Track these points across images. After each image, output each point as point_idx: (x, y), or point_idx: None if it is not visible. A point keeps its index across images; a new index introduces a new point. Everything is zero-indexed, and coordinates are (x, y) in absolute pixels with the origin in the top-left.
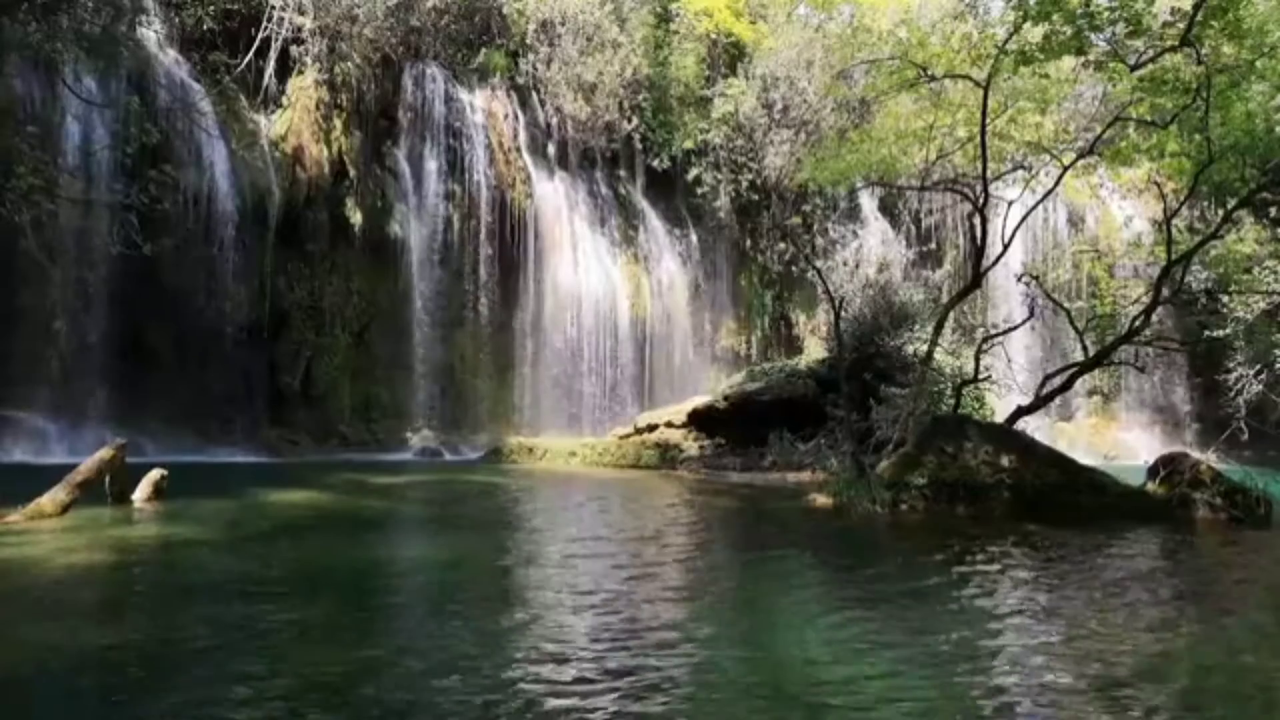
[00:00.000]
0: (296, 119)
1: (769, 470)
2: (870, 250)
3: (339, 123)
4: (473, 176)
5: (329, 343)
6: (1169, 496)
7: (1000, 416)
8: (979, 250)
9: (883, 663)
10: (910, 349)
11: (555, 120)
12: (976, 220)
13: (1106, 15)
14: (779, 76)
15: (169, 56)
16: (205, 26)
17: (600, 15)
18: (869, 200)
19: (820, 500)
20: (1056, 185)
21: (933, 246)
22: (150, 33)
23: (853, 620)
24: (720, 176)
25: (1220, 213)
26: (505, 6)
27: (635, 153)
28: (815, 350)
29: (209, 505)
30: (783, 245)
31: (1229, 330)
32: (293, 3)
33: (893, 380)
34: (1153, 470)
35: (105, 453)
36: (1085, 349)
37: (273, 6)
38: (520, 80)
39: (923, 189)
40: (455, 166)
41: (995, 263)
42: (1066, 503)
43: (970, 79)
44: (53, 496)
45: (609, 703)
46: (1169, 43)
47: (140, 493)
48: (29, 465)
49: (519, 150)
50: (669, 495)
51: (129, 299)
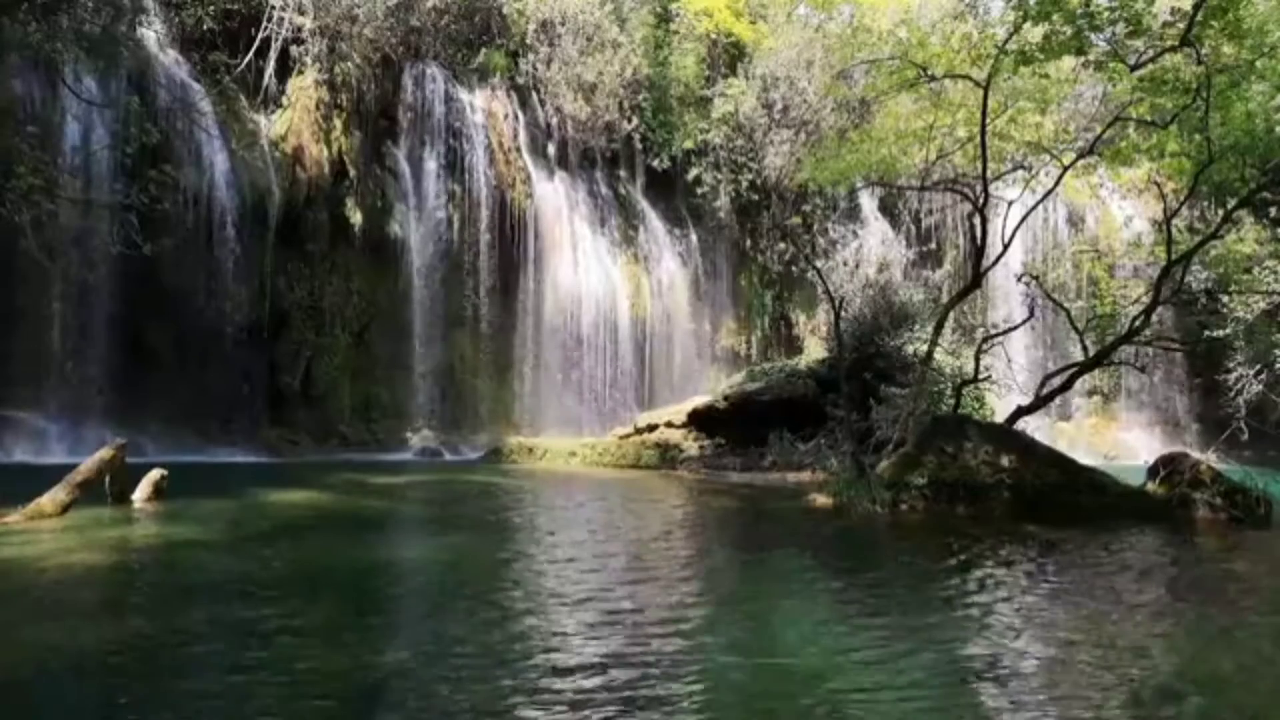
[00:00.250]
0: (296, 119)
1: (769, 470)
2: (870, 250)
3: (339, 123)
4: (473, 176)
5: (329, 343)
6: (1169, 496)
7: (1000, 416)
8: (979, 250)
9: (884, 664)
10: (910, 349)
11: (555, 120)
12: (976, 220)
13: (1106, 15)
14: (779, 76)
15: (169, 56)
16: (205, 26)
17: (600, 15)
18: (869, 200)
19: (820, 500)
20: (1056, 185)
21: (933, 246)
22: (150, 33)
23: (853, 621)
24: (720, 176)
25: (1220, 213)
26: (505, 6)
27: (635, 153)
28: (815, 350)
29: (209, 505)
30: (783, 245)
31: (1229, 330)
32: (293, 3)
33: (893, 380)
34: (1153, 470)
35: (105, 453)
36: (1085, 349)
37: (273, 6)
38: (520, 80)
39: (923, 189)
40: (455, 166)
41: (995, 263)
42: (1066, 503)
43: (970, 79)
44: (53, 496)
45: (609, 704)
46: (1169, 43)
47: (140, 493)
48: (29, 465)
49: (519, 150)
50: (669, 495)
51: (129, 299)
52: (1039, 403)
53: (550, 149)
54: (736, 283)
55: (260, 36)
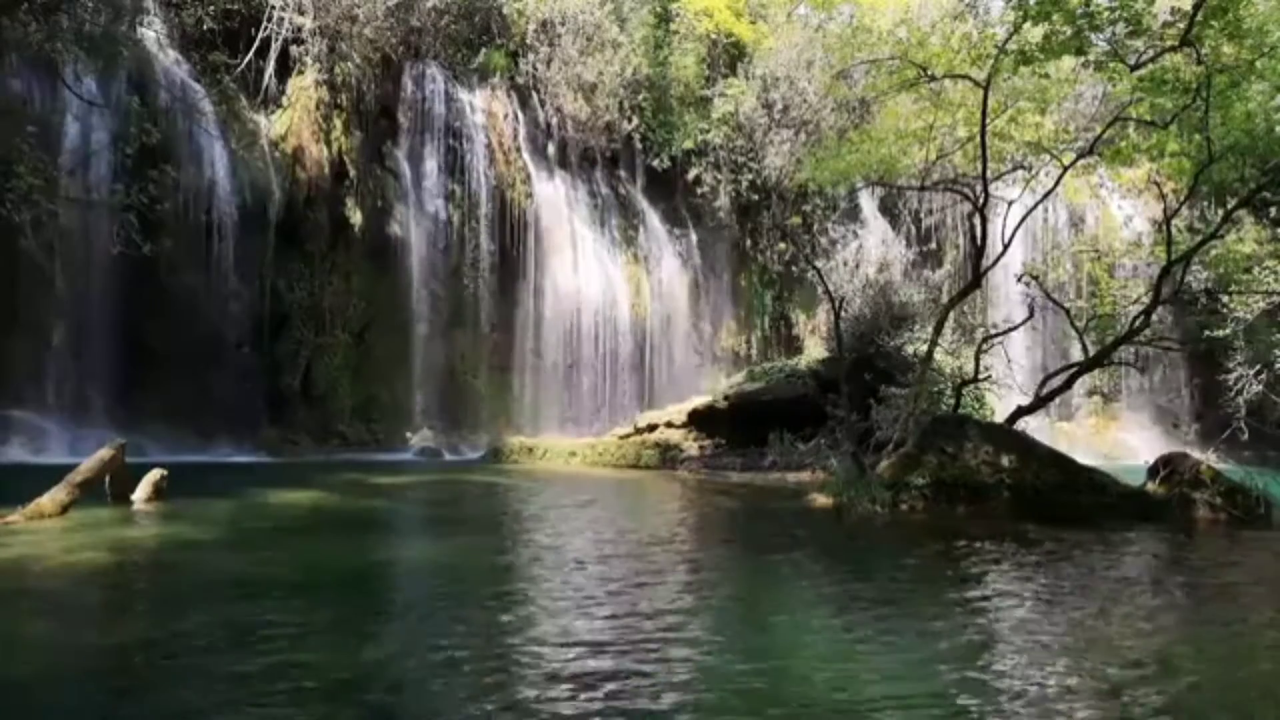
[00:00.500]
0: (296, 119)
1: (769, 470)
2: (870, 250)
3: (339, 123)
4: (473, 176)
5: (329, 343)
6: (1169, 496)
7: (1000, 416)
8: (979, 250)
9: (884, 665)
10: (910, 349)
11: (555, 120)
12: (976, 220)
13: (1106, 15)
14: (779, 76)
15: (169, 56)
16: (205, 26)
17: (600, 15)
18: (869, 200)
19: (820, 500)
20: (1056, 185)
21: (933, 246)
22: (150, 33)
23: (854, 622)
24: (720, 176)
25: (1220, 213)
26: (505, 6)
27: (635, 153)
28: (815, 350)
29: (209, 505)
30: (783, 245)
31: (1229, 330)
32: (293, 3)
33: (893, 380)
34: (1153, 470)
35: (105, 453)
36: (1085, 349)
37: (273, 6)
38: (520, 80)
39: (923, 189)
40: (455, 166)
41: (995, 263)
42: (1066, 503)
43: (970, 79)
44: (53, 496)
45: (610, 706)
46: (1169, 43)
47: (140, 493)
48: (29, 465)
49: (519, 150)
50: (669, 495)
51: (129, 299)
52: (1039, 403)
53: (550, 149)
54: (736, 283)
55: (260, 36)
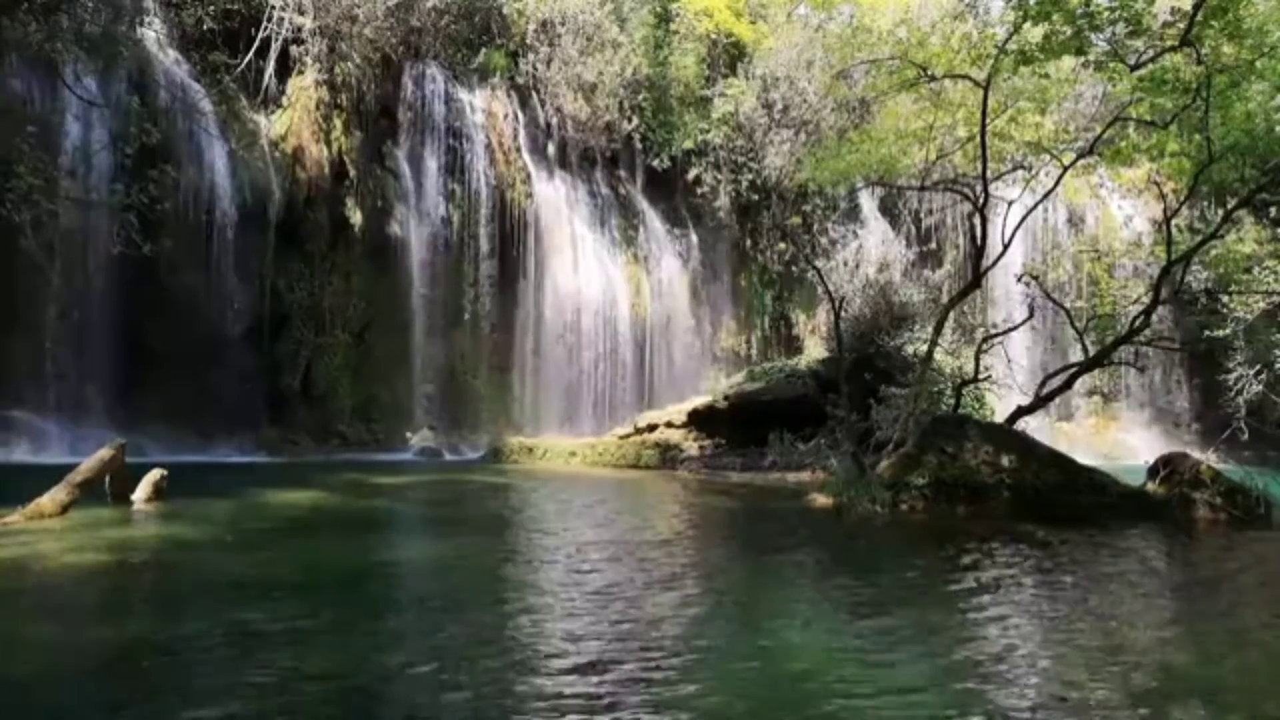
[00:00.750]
0: (296, 119)
1: (769, 470)
2: (870, 250)
3: (339, 123)
4: (473, 176)
5: (329, 343)
6: (1169, 496)
7: (1000, 416)
8: (979, 250)
9: (886, 667)
10: (910, 349)
11: (555, 120)
12: (976, 220)
13: (1106, 15)
14: (779, 76)
15: (169, 56)
16: (205, 26)
17: (600, 15)
18: (869, 200)
19: (820, 500)
20: (1056, 185)
21: (933, 246)
22: (150, 33)
23: (854, 622)
24: (720, 176)
25: (1220, 213)
26: (505, 6)
27: (635, 153)
28: (815, 350)
29: (209, 505)
30: (783, 245)
31: (1229, 330)
32: (293, 3)
33: (893, 380)
34: (1153, 470)
35: (105, 453)
36: (1085, 349)
37: (273, 6)
38: (520, 80)
39: (923, 189)
40: (455, 166)
41: (995, 263)
42: (1066, 503)
43: (970, 79)
44: (53, 496)
45: (610, 706)
46: (1169, 43)
47: (140, 493)
48: (29, 465)
49: (519, 150)
50: (669, 496)
51: (129, 299)
52: (1039, 403)
53: (550, 149)
54: (736, 283)
55: (260, 36)
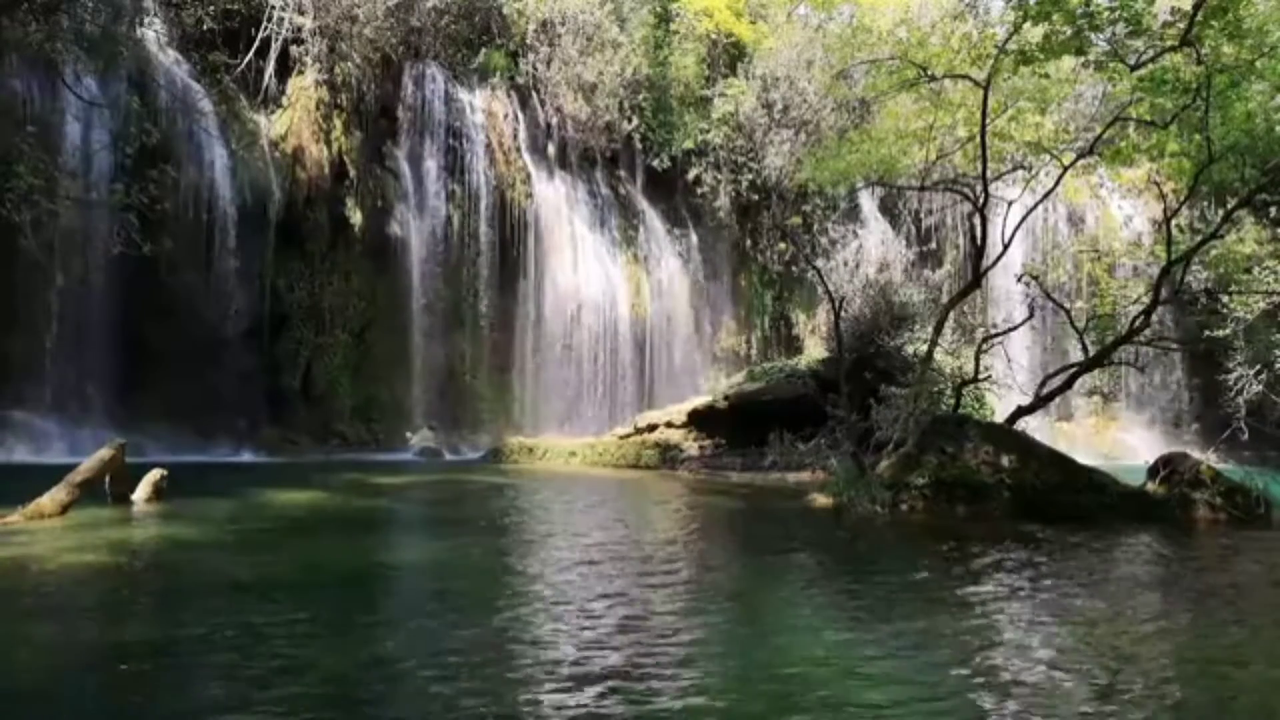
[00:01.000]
0: (296, 119)
1: (769, 470)
2: (870, 250)
3: (339, 123)
4: (473, 176)
5: (329, 343)
6: (1169, 496)
7: (1000, 416)
8: (979, 250)
9: (887, 667)
10: (910, 349)
11: (555, 120)
12: (976, 220)
13: (1106, 15)
14: (779, 76)
15: (169, 56)
16: (205, 26)
17: (600, 15)
18: (869, 200)
19: (820, 500)
20: (1056, 185)
21: (933, 246)
22: (150, 33)
23: (854, 623)
24: (720, 176)
25: (1220, 213)
26: (505, 6)
27: (635, 153)
28: (815, 350)
29: (209, 505)
30: (783, 245)
31: (1229, 330)
32: (293, 3)
33: (893, 380)
34: (1153, 470)
35: (105, 453)
36: (1085, 349)
37: (273, 6)
38: (520, 80)
39: (923, 189)
40: (455, 166)
41: (995, 263)
42: (1066, 503)
43: (970, 79)
44: (53, 496)
45: (611, 707)
46: (1169, 43)
47: (140, 493)
48: (29, 465)
49: (519, 150)
50: (669, 496)
51: (129, 299)
52: (1039, 403)
53: (550, 149)
54: (736, 283)
55: (260, 36)
